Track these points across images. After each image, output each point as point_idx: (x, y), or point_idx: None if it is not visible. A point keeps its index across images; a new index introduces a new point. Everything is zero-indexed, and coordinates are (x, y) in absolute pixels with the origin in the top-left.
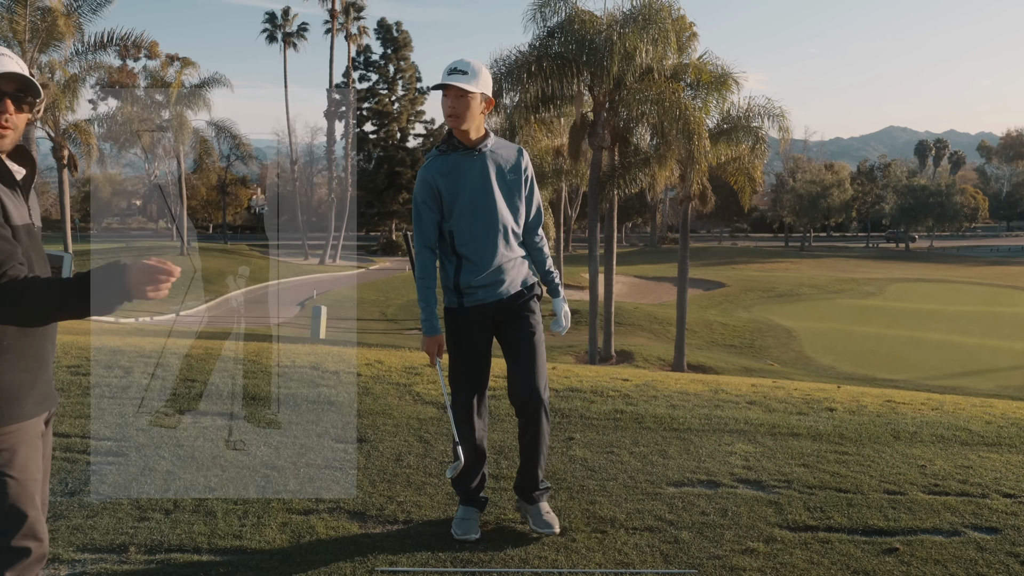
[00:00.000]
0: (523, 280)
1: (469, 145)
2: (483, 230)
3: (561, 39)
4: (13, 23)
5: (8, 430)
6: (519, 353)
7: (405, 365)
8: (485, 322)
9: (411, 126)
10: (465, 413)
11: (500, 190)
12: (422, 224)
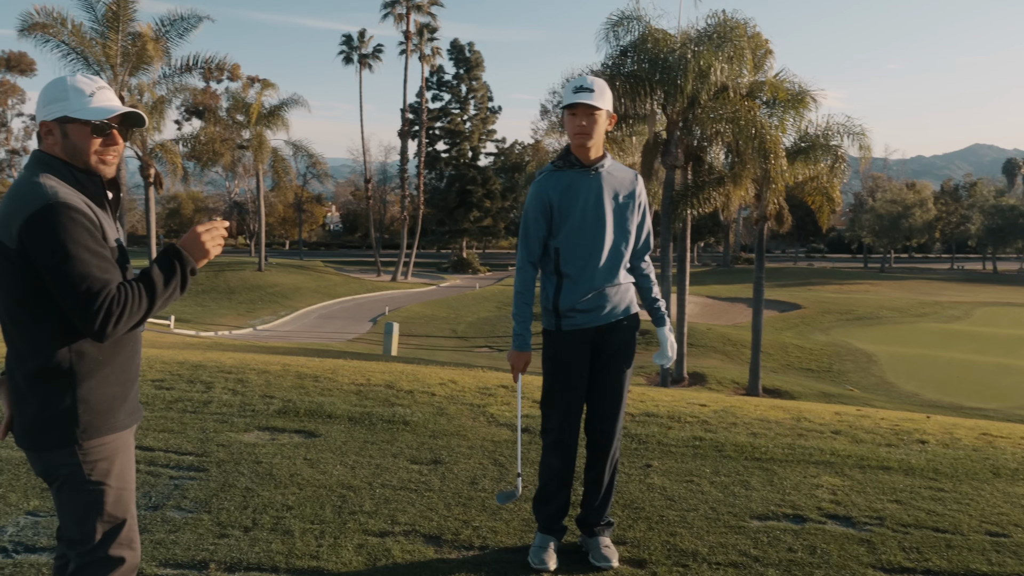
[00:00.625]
0: (626, 308)
1: (586, 163)
2: (589, 251)
3: (634, 58)
4: (106, 48)
5: (104, 441)
6: (606, 387)
7: (479, 385)
8: (583, 347)
9: (482, 145)
10: (554, 440)
11: (612, 212)
12: (528, 238)
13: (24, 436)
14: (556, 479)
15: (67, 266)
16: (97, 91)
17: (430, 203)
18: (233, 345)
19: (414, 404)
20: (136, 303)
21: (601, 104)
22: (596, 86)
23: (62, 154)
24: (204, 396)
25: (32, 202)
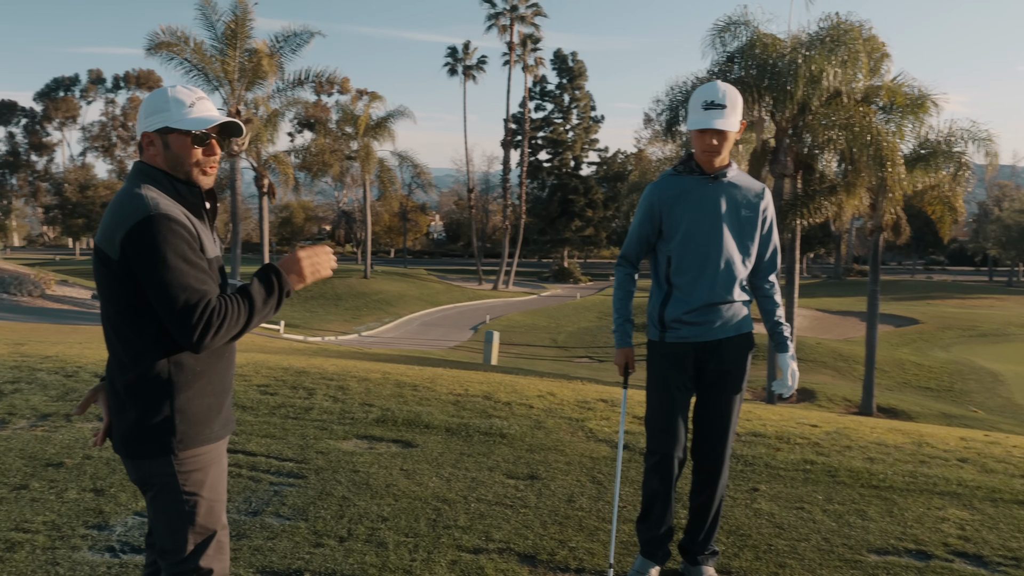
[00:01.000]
0: (738, 326)
1: (708, 171)
2: (700, 262)
3: (741, 64)
4: (225, 64)
5: (199, 452)
6: (713, 410)
7: (578, 399)
8: (685, 363)
9: (585, 154)
10: (656, 461)
11: (729, 224)
12: (631, 236)
13: (122, 444)
14: (659, 501)
15: (166, 277)
16: (197, 101)
17: (532, 212)
18: (337, 351)
19: (511, 416)
20: (235, 316)
21: (733, 126)
22: (728, 99)
23: (163, 165)
24: (306, 403)
25: (133, 214)
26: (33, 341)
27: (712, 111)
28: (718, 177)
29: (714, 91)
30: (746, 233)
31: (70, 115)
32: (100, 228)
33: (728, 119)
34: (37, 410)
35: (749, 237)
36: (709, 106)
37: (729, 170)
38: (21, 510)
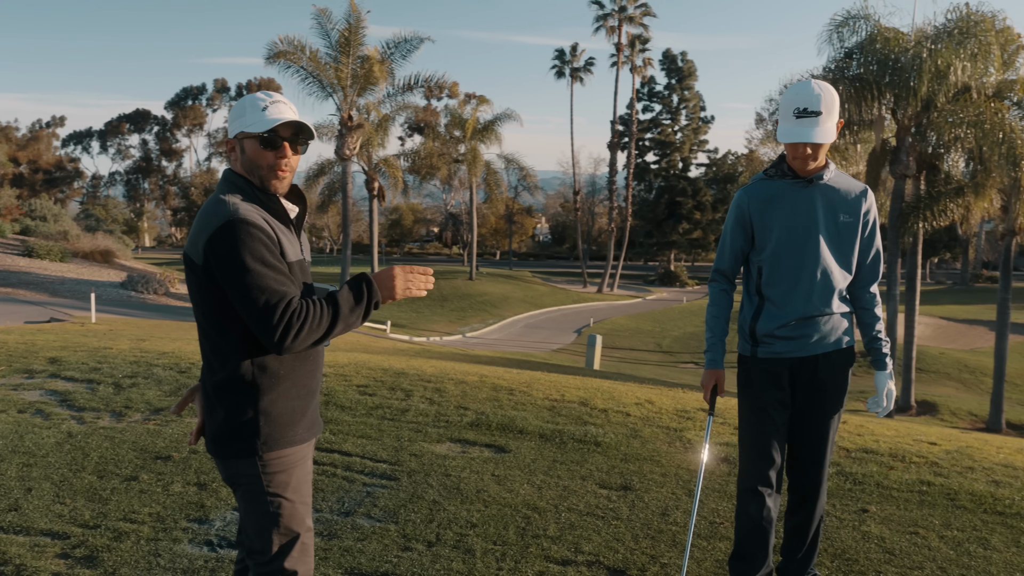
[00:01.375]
0: (837, 341)
1: (802, 174)
2: (795, 272)
3: (860, 60)
4: (338, 71)
5: (283, 454)
6: (809, 429)
7: (677, 408)
8: (780, 380)
9: (693, 156)
10: (750, 485)
11: (827, 230)
12: (723, 248)
13: (211, 443)
14: (755, 532)
15: (245, 280)
16: (271, 104)
17: (638, 215)
18: (439, 352)
19: (607, 424)
20: (318, 320)
21: (829, 135)
22: (824, 103)
23: (244, 172)
24: (403, 404)
25: (215, 220)
26: (154, 337)
27: (805, 120)
28: (813, 180)
29: (807, 95)
30: (845, 240)
31: (197, 122)
32: (188, 236)
33: (823, 127)
34: (151, 404)
35: (849, 244)
36: (802, 114)
37: (826, 172)
38: (130, 501)
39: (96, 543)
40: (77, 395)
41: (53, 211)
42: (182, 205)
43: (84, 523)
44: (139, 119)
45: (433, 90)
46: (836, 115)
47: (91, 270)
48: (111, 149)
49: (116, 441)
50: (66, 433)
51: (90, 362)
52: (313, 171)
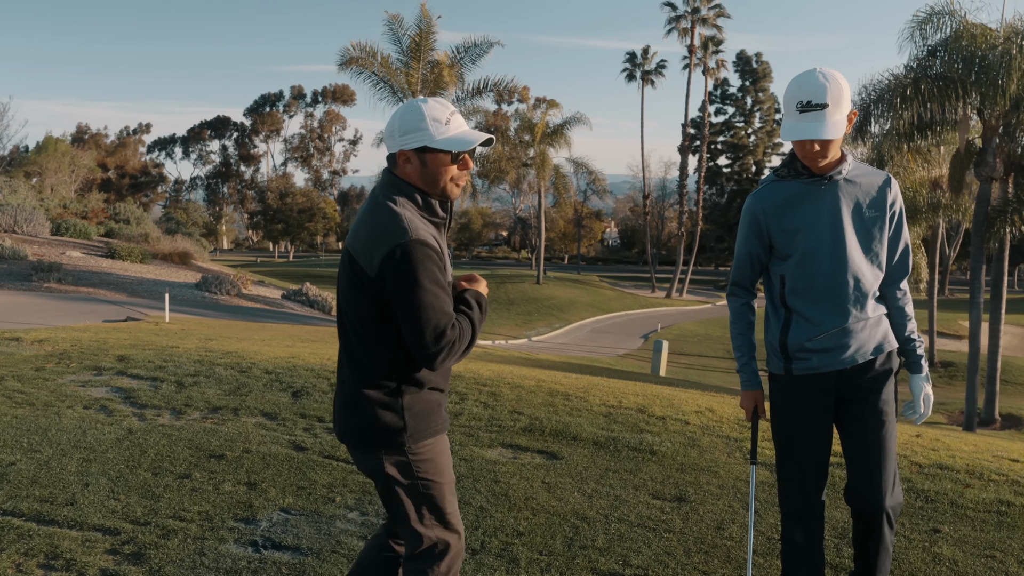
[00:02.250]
0: (877, 346)
1: (816, 171)
2: (824, 279)
3: (944, 57)
4: (409, 76)
5: (427, 444)
6: (862, 444)
7: (738, 417)
8: (823, 397)
9: (767, 159)
10: (794, 511)
11: (854, 229)
12: (738, 260)
13: (356, 437)
14: (802, 558)
15: (422, 301)
16: (451, 118)
17: (709, 219)
18: (500, 356)
19: (664, 432)
20: (467, 340)
21: (837, 130)
22: (830, 94)
23: (418, 181)
24: (457, 407)
25: (392, 236)
26: (222, 337)
27: (809, 114)
28: (832, 177)
29: (811, 86)
30: (873, 237)
31: (274, 128)
32: (355, 237)
33: (831, 121)
34: (210, 403)
35: (878, 241)
36: (805, 108)
37: (844, 165)
38: (181, 499)
39: (145, 540)
40: (141, 392)
41: (136, 214)
42: (259, 209)
43: (136, 519)
44: (219, 125)
45: (503, 94)
46: (846, 106)
47: (169, 271)
48: (193, 155)
49: (173, 439)
50: (126, 430)
51: (156, 360)
52: None
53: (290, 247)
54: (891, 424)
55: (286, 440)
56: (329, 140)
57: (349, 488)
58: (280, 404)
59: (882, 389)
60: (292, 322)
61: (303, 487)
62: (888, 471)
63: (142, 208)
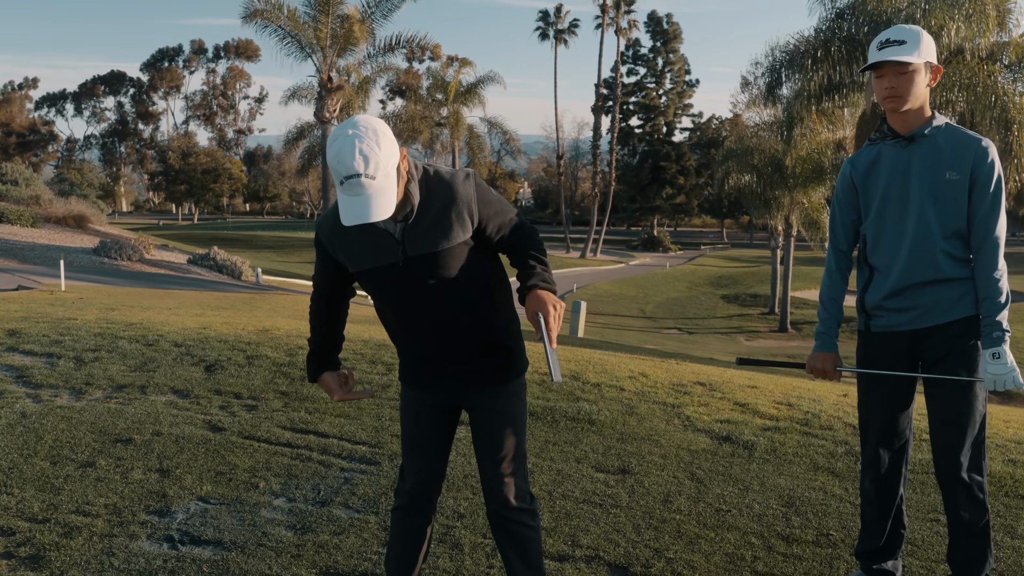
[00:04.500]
0: (954, 311)
1: (902, 132)
2: (895, 238)
3: (852, 20)
4: (317, 31)
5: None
6: (938, 412)
7: (673, 381)
8: (898, 356)
9: (678, 120)
10: (867, 459)
11: (929, 189)
12: (833, 222)
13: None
14: (872, 508)
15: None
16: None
17: (622, 179)
18: None
19: (601, 400)
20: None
21: (915, 57)
22: (908, 35)
23: None
24: (384, 379)
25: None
26: (123, 307)
27: (887, 49)
28: (915, 137)
29: (893, 29)
30: (950, 200)
31: (174, 85)
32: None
33: (904, 49)
34: (114, 380)
35: (955, 204)
36: (884, 44)
37: (929, 127)
38: (84, 491)
39: (44, 540)
40: (35, 371)
41: (25, 175)
42: (160, 169)
43: (32, 517)
44: (114, 81)
45: (415, 52)
46: (926, 54)
47: (63, 236)
48: (86, 112)
49: (73, 422)
50: (19, 413)
51: (52, 334)
52: (292, 134)
53: (194, 209)
54: (970, 391)
55: (200, 420)
56: (233, 98)
57: (273, 472)
58: (192, 380)
59: (958, 353)
60: (200, 288)
61: (222, 472)
62: (969, 434)
63: (32, 169)
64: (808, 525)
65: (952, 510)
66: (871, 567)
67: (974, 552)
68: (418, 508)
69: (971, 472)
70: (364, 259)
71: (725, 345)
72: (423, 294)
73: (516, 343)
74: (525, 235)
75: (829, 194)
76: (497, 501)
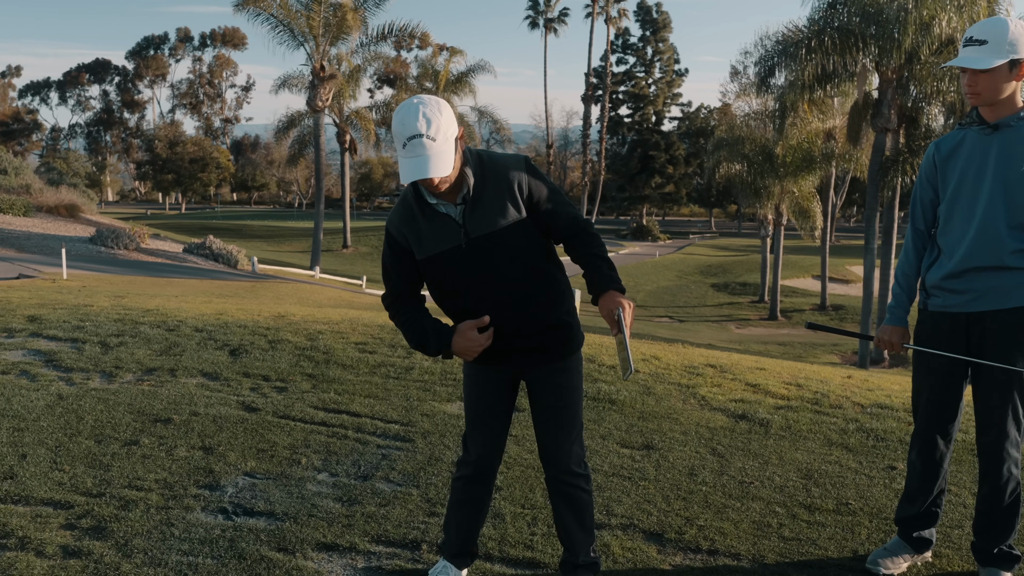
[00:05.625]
0: (1011, 298)
1: (989, 120)
2: (963, 222)
3: (845, 10)
4: (310, 19)
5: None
6: (982, 393)
7: (684, 363)
8: (952, 337)
9: (667, 109)
10: (916, 431)
11: (1003, 177)
12: (913, 200)
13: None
14: (915, 477)
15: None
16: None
17: (611, 169)
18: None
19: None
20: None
21: (991, 63)
22: (991, 33)
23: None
24: (406, 362)
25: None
26: (132, 294)
27: (968, 48)
28: (999, 127)
29: (979, 24)
30: (1021, 191)
31: (160, 73)
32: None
33: (979, 54)
34: (142, 364)
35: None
36: (967, 42)
37: (1016, 118)
38: (133, 467)
39: (103, 512)
40: (63, 355)
41: (14, 164)
42: (147, 158)
43: (87, 491)
44: (99, 69)
45: (405, 40)
46: (1009, 50)
47: (57, 225)
48: (71, 100)
49: (110, 403)
50: (56, 395)
51: (72, 320)
52: (283, 123)
53: (181, 199)
54: (1015, 382)
55: (234, 401)
56: (220, 86)
57: (313, 449)
58: (219, 363)
59: (1009, 340)
60: (198, 277)
61: (264, 450)
62: (1009, 421)
63: (18, 158)
64: (828, 495)
65: (985, 489)
66: (911, 534)
67: (1005, 521)
68: (482, 477)
69: (1010, 449)
70: (430, 245)
71: (716, 333)
72: (486, 273)
73: (574, 319)
74: (588, 233)
75: (819, 183)
76: (557, 467)
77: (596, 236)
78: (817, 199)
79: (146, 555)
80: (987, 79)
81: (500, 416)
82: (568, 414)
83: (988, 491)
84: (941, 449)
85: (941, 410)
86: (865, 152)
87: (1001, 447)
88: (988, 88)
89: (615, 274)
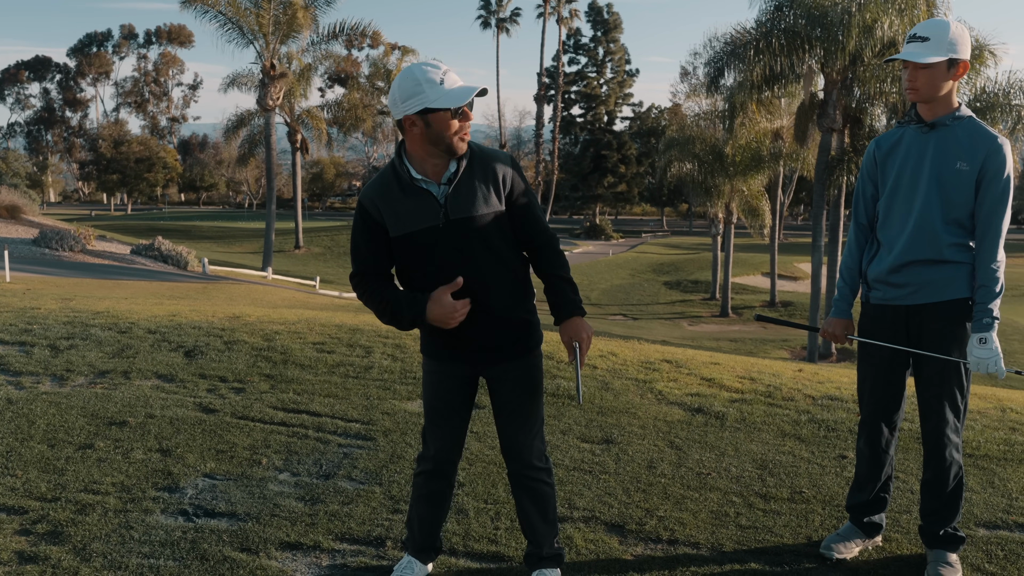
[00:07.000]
0: (946, 292)
1: (925, 119)
2: (901, 217)
3: (791, 12)
4: (259, 17)
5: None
6: (922, 382)
7: (641, 359)
8: (895, 327)
9: (619, 109)
10: (862, 419)
11: (937, 176)
12: (856, 196)
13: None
14: (863, 464)
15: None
16: (444, 77)
17: (564, 168)
18: None
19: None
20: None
21: (931, 58)
22: (934, 32)
23: (425, 142)
24: (364, 361)
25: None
26: (80, 296)
27: (911, 44)
28: (935, 125)
29: (923, 24)
30: (956, 188)
31: (103, 71)
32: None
33: (921, 49)
34: (94, 367)
35: (960, 193)
36: (910, 40)
37: (952, 117)
38: (89, 470)
39: (59, 517)
40: (10, 358)
41: None
42: (90, 158)
43: (41, 496)
44: (39, 67)
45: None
46: (950, 50)
47: None
48: (9, 98)
49: (63, 407)
50: (5, 399)
51: (18, 323)
52: (232, 122)
53: (127, 199)
54: (953, 371)
55: (191, 403)
56: (166, 84)
57: (273, 449)
58: (174, 365)
59: (945, 332)
60: (148, 279)
61: (223, 451)
62: (948, 409)
63: None
64: (782, 484)
65: (928, 474)
66: (862, 519)
67: (949, 504)
68: (442, 472)
69: (951, 435)
70: (406, 222)
71: (669, 330)
72: (458, 257)
73: (534, 317)
74: (553, 250)
75: (767, 182)
76: (519, 462)
77: (561, 254)
78: (766, 198)
79: (105, 559)
80: (926, 75)
81: (460, 412)
82: (529, 410)
83: (932, 476)
84: (886, 436)
85: (885, 399)
86: (812, 151)
87: (942, 433)
88: (927, 84)
89: (578, 298)
